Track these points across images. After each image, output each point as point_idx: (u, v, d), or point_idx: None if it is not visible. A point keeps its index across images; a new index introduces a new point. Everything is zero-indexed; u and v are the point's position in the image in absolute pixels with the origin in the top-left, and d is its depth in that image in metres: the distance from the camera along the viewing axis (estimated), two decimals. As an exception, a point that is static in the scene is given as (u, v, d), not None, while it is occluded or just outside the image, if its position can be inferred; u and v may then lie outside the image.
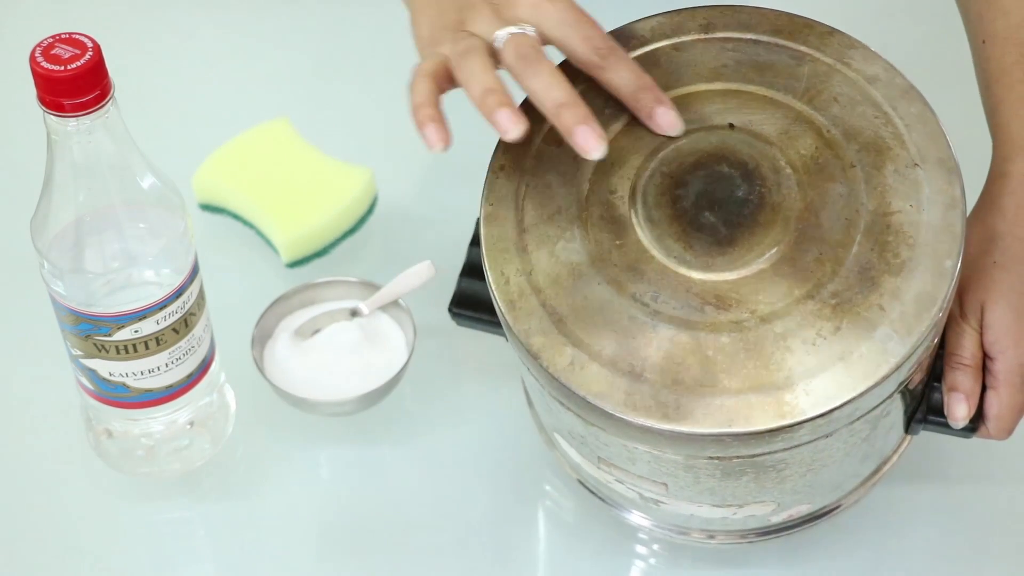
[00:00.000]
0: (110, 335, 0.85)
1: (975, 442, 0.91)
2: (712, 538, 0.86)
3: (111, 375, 0.87)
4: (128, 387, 0.88)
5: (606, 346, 0.73)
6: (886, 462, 0.86)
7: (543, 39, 0.76)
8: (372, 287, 1.01)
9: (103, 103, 0.78)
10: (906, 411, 0.82)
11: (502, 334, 0.90)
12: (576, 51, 0.76)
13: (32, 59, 0.76)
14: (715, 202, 0.76)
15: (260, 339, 0.98)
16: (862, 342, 0.71)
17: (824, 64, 0.80)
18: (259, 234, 1.09)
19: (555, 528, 0.94)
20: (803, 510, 0.83)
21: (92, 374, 0.88)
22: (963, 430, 0.83)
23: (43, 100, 0.77)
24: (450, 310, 0.90)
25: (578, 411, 0.75)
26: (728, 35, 0.81)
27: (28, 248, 0.84)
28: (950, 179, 0.75)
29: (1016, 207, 0.79)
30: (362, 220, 1.10)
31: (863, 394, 0.71)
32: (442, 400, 1.00)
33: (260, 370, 0.97)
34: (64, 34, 0.77)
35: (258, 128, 1.12)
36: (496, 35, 0.77)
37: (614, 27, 0.84)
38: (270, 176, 1.09)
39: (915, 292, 0.72)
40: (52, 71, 0.76)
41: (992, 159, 0.78)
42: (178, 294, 0.86)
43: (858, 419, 0.74)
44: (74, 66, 0.76)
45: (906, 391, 0.78)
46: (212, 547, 0.95)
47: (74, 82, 0.76)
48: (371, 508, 0.95)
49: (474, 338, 0.92)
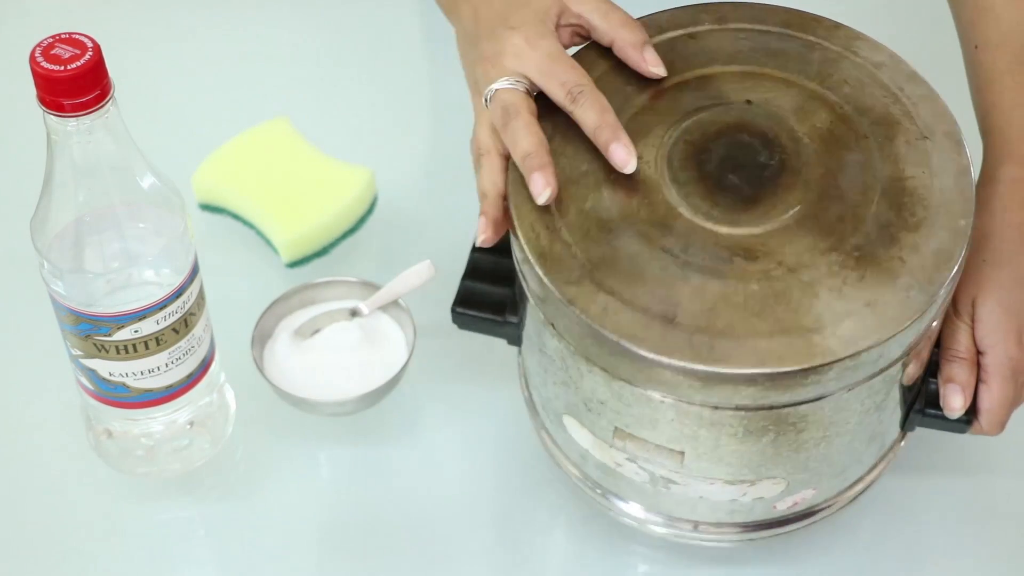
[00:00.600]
0: (110, 335, 0.85)
1: (969, 446, 0.92)
2: (713, 534, 0.87)
3: (111, 375, 0.87)
4: (128, 387, 0.88)
5: (638, 294, 0.75)
6: (884, 457, 0.88)
7: (530, 84, 0.83)
8: (372, 287, 1.01)
9: (103, 103, 0.78)
10: (904, 402, 0.85)
11: (503, 335, 0.90)
12: (553, 94, 0.82)
13: (32, 59, 0.76)
14: (738, 166, 0.80)
15: (260, 339, 0.98)
16: (886, 290, 0.75)
17: (833, 51, 0.85)
18: (259, 234, 1.09)
19: (554, 528, 0.94)
20: (807, 496, 0.84)
21: (92, 374, 0.88)
22: (958, 422, 0.85)
23: (43, 100, 0.77)
24: (453, 310, 0.90)
25: (607, 364, 0.77)
26: (741, 26, 0.87)
27: (28, 248, 0.84)
28: (958, 150, 0.80)
29: (1004, 209, 0.83)
30: (362, 220, 1.10)
31: (889, 340, 0.74)
32: (442, 400, 1.00)
33: (260, 370, 0.97)
34: (64, 34, 0.77)
35: (258, 128, 1.12)
36: (486, 90, 0.83)
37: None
38: (270, 176, 1.09)
39: (933, 247, 0.76)
40: (52, 71, 0.76)
41: (983, 163, 0.80)
42: (178, 294, 0.86)
43: (879, 373, 0.77)
44: (74, 66, 0.76)
45: (914, 362, 0.81)
46: (212, 547, 0.95)
47: (74, 82, 0.76)
48: (371, 508, 0.95)
49: (474, 338, 0.92)
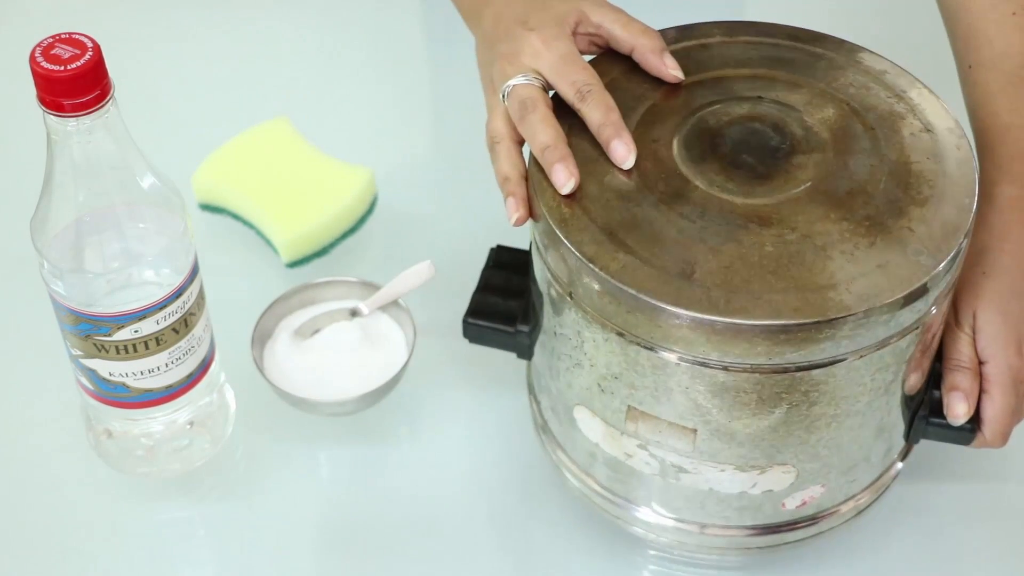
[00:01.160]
0: (110, 335, 0.85)
1: (976, 454, 0.92)
2: (719, 536, 0.87)
3: (111, 375, 0.87)
4: (128, 387, 0.88)
5: (656, 253, 0.78)
6: (890, 468, 0.89)
7: (545, 82, 0.86)
8: (372, 287, 1.01)
9: (103, 103, 0.78)
10: (909, 408, 0.86)
11: (514, 347, 0.91)
12: (564, 92, 0.85)
13: (32, 59, 0.76)
14: (751, 148, 0.84)
15: (260, 339, 0.98)
16: (897, 255, 0.78)
17: (838, 61, 0.89)
18: (259, 234, 1.09)
19: (556, 528, 0.94)
20: (816, 495, 0.85)
21: (92, 374, 0.88)
22: (962, 432, 0.87)
23: (43, 100, 0.77)
24: (465, 321, 0.91)
25: (624, 324, 0.79)
26: (750, 38, 0.91)
27: (28, 248, 0.84)
28: (959, 143, 0.84)
29: (1002, 225, 0.87)
30: (362, 220, 1.10)
31: (901, 300, 0.77)
32: (442, 400, 1.00)
33: (260, 370, 0.97)
34: (64, 34, 0.77)
35: (258, 128, 1.12)
36: (503, 86, 0.86)
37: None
38: (270, 176, 1.09)
39: (940, 220, 0.80)
40: (52, 71, 0.76)
41: (979, 181, 0.82)
42: (178, 294, 0.86)
43: (889, 343, 0.78)
44: (74, 66, 0.76)
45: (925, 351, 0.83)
46: (212, 547, 0.95)
47: (74, 82, 0.76)
48: (371, 508, 0.95)
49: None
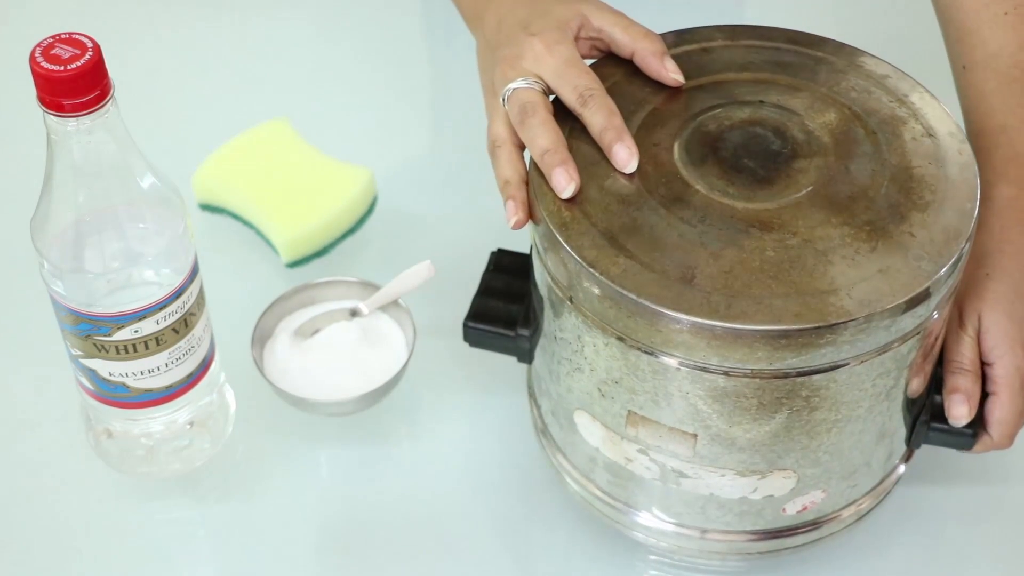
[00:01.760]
0: (110, 335, 0.85)
1: (979, 458, 0.92)
2: (720, 541, 0.87)
3: (111, 375, 0.87)
4: (128, 387, 0.88)
5: (656, 258, 0.78)
6: (891, 473, 0.89)
7: (546, 86, 0.86)
8: (372, 287, 1.01)
9: (103, 103, 0.78)
10: (910, 414, 0.86)
11: (514, 351, 0.91)
12: (566, 97, 0.86)
13: (32, 59, 0.76)
14: (752, 153, 0.84)
15: (260, 339, 0.98)
16: (898, 260, 0.78)
17: (839, 65, 0.89)
18: (259, 234, 1.09)
19: (556, 529, 0.94)
20: (817, 500, 0.85)
21: (92, 374, 0.88)
22: (963, 437, 0.87)
23: (43, 100, 0.77)
24: (465, 324, 0.91)
25: (624, 329, 0.78)
26: (751, 43, 0.91)
27: (28, 248, 0.84)
28: (961, 148, 0.84)
29: (1001, 227, 0.87)
30: (362, 220, 1.10)
31: (902, 305, 0.76)
32: (442, 400, 1.00)
33: (260, 370, 0.97)
34: (64, 34, 0.77)
35: (258, 128, 1.12)
36: (504, 89, 0.86)
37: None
38: (270, 176, 1.09)
39: (942, 225, 0.80)
40: (52, 71, 0.76)
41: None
42: (178, 294, 0.86)
43: (890, 348, 0.78)
44: (74, 66, 0.76)
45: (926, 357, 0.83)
46: (212, 547, 0.95)
47: (74, 82, 0.76)
48: (371, 508, 0.95)
49: (474, 338, 0.92)
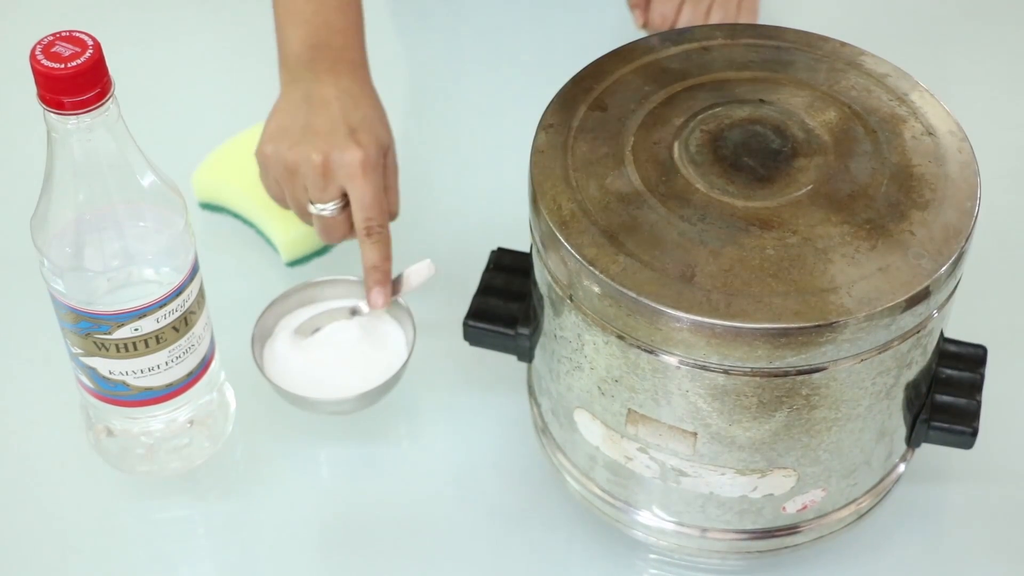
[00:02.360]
0: (110, 333, 0.85)
1: (980, 455, 0.92)
2: (720, 540, 0.87)
3: (111, 373, 0.87)
4: (128, 385, 0.88)
5: (657, 256, 0.79)
6: (892, 471, 0.90)
7: (346, 203, 0.97)
8: (372, 286, 1.01)
9: (103, 101, 0.78)
10: (910, 412, 0.86)
11: (514, 350, 0.91)
12: (356, 220, 0.97)
13: (32, 57, 0.76)
14: (752, 151, 0.84)
15: (260, 338, 0.98)
16: (897, 258, 0.78)
17: (840, 64, 0.90)
18: (259, 233, 1.09)
19: (556, 529, 0.94)
20: (817, 499, 0.85)
21: (92, 372, 0.88)
22: (963, 436, 0.87)
23: (43, 98, 0.77)
24: (465, 323, 0.91)
25: (624, 327, 0.79)
26: (751, 41, 0.92)
27: (28, 247, 0.84)
28: (961, 147, 0.84)
29: None
30: (362, 219, 1.09)
31: (902, 303, 0.77)
32: (442, 399, 1.00)
33: (260, 369, 0.97)
34: (64, 32, 0.77)
35: (258, 127, 1.11)
36: (318, 208, 0.97)
37: (623, 43, 0.92)
38: (270, 175, 1.09)
39: (941, 224, 0.80)
40: (52, 69, 0.76)
41: None
42: (178, 292, 0.86)
43: (890, 346, 0.79)
44: (74, 64, 0.76)
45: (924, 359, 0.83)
46: (212, 546, 0.95)
47: (74, 80, 0.76)
48: (370, 507, 0.95)
49: (474, 337, 0.92)
